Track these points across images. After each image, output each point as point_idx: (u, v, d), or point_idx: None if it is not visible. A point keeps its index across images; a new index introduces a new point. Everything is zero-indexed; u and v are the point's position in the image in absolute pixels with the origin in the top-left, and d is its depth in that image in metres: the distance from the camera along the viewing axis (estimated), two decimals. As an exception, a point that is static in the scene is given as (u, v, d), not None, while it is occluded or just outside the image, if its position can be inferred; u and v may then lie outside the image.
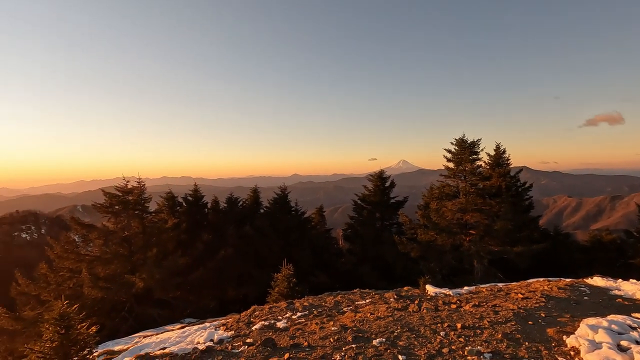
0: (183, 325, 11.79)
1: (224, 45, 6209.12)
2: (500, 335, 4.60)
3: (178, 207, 20.03)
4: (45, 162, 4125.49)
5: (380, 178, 21.34)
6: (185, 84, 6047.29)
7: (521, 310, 5.82)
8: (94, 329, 6.35)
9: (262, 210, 21.61)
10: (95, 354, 6.46)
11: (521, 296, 7.20)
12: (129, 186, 15.31)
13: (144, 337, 9.98)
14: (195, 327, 6.76)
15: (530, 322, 5.21)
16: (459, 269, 16.02)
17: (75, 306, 6.19)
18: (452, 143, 16.63)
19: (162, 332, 9.89)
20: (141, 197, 15.53)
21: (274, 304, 7.52)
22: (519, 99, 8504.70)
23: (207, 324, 6.95)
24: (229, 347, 4.57)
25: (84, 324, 6.25)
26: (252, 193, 22.30)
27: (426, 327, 4.98)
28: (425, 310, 6.02)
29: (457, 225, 16.25)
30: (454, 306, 6.43)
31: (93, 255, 14.70)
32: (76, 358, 6.10)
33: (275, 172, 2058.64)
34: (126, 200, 15.18)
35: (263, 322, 5.87)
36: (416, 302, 6.86)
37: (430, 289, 9.59)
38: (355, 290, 8.89)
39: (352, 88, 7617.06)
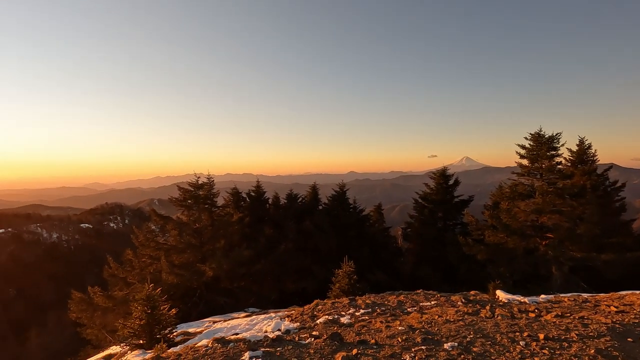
0: (248, 313, 12.41)
1: (292, 45, 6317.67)
2: (592, 351, 4.10)
3: (242, 202, 21.13)
4: (128, 160, 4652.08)
5: (442, 176, 20.37)
6: (248, 85, 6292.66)
7: (617, 325, 5.13)
8: (174, 311, 6.99)
9: (320, 207, 21.91)
10: (174, 334, 7.11)
11: (614, 309, 6.37)
12: (200, 182, 16.52)
13: (214, 322, 10.72)
14: (262, 316, 7.07)
15: (629, 339, 4.57)
16: (533, 275, 14.67)
17: (159, 289, 6.87)
18: (526, 138, 15.25)
19: (229, 319, 10.53)
20: (210, 192, 16.67)
21: (336, 300, 7.57)
22: (607, 89, 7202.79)
23: (273, 315, 7.22)
24: (296, 338, 4.69)
25: (165, 306, 6.90)
26: (310, 190, 22.71)
27: (503, 334, 4.62)
28: (499, 317, 5.59)
29: (532, 228, 14.89)
30: (532, 315, 5.89)
31: (169, 244, 16.16)
32: (159, 336, 6.76)
33: (331, 169, 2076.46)
34: (197, 195, 16.42)
35: (327, 317, 5.93)
36: (487, 307, 6.41)
37: (502, 295, 8.92)
38: (418, 291, 8.60)
39: (409, 83, 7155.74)
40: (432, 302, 7.07)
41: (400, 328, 4.85)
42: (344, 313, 6.21)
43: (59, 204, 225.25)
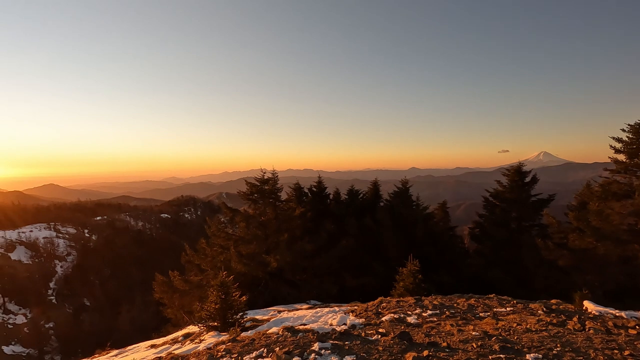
0: (310, 306, 12.71)
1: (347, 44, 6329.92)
2: None
3: (304, 197, 21.66)
4: (201, 156, 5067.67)
5: (517, 172, 18.69)
6: (309, 83, 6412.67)
7: None
8: (244, 298, 7.44)
9: (382, 203, 21.56)
10: (245, 319, 7.56)
11: None
12: (265, 177, 17.28)
13: (278, 311, 11.17)
14: (326, 309, 7.19)
15: None
16: (631, 287, 12.82)
17: (231, 277, 7.36)
18: (624, 130, 13.30)
19: (293, 310, 10.89)
20: (275, 187, 17.37)
21: (401, 299, 7.40)
22: None
23: (336, 309, 7.30)
24: (363, 334, 4.67)
25: (237, 293, 7.38)
26: (371, 186, 22.45)
27: (597, 351, 4.10)
28: (591, 331, 4.98)
29: (629, 233, 12.98)
30: (633, 332, 5.14)
31: (237, 235, 17.20)
32: (231, 320, 7.25)
33: (392, 165, 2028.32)
34: (263, 189, 17.21)
35: (392, 315, 5.82)
36: (575, 318, 5.75)
37: (591, 307, 7.94)
38: (490, 295, 8.03)
39: (477, 72, 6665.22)
40: (508, 309, 6.55)
41: (474, 333, 4.57)
42: (410, 312, 6.03)
43: (143, 196, 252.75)
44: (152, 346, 8.48)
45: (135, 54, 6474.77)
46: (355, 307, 7.53)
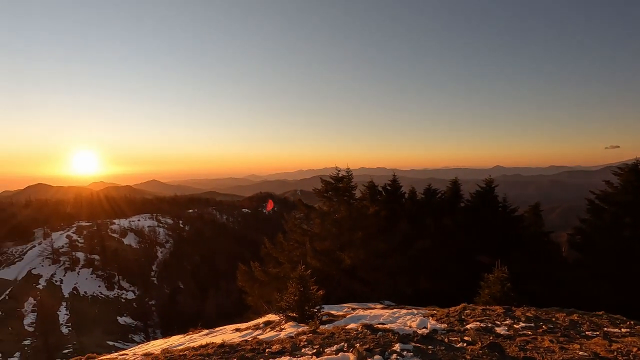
0: (384, 306, 12.50)
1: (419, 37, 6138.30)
2: None
3: (378, 196, 21.34)
4: (277, 154, 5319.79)
5: (634, 171, 15.88)
6: (378, 84, 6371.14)
7: None
8: (321, 292, 7.64)
9: (462, 204, 20.19)
10: (321, 313, 7.76)
11: None
12: (340, 175, 17.47)
13: (352, 308, 11.21)
14: (403, 311, 6.99)
15: None
16: None
17: (309, 271, 7.62)
18: None
19: (367, 308, 10.82)
20: (349, 185, 17.46)
21: (488, 307, 6.83)
22: None
23: (414, 311, 7.05)
24: (446, 340, 4.43)
25: (314, 287, 7.60)
26: (451, 185, 21.17)
27: None
28: None
29: None
30: None
31: (313, 231, 17.71)
32: (308, 312, 7.50)
33: (473, 163, 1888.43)
34: (337, 187, 17.42)
35: (478, 323, 5.40)
36: None
37: None
38: (599, 313, 6.97)
39: (577, 57, 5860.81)
40: (623, 330, 5.60)
41: (581, 353, 4.01)
42: (499, 323, 5.53)
43: (227, 192, 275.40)
44: (237, 330, 9.19)
45: (223, 57, 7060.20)
46: (435, 312, 7.18)
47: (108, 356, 8.08)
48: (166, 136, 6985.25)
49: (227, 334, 8.83)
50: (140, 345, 12.00)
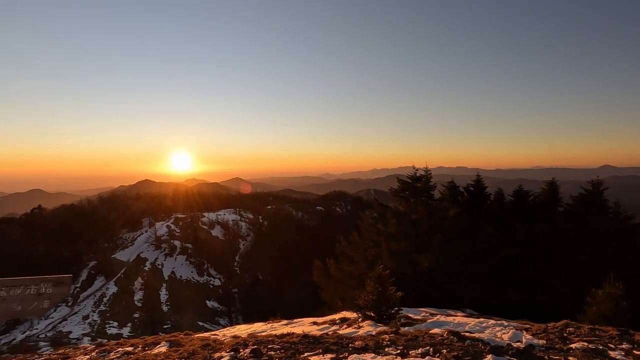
0: (466, 314, 11.74)
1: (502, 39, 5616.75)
2: None
3: (459, 197, 20.05)
4: (351, 153, 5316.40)
5: None
6: (459, 78, 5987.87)
7: None
8: (400, 294, 7.48)
9: (561, 208, 17.88)
10: (399, 315, 7.60)
11: None
12: (417, 175, 16.85)
13: (431, 313, 10.73)
14: (491, 321, 6.47)
15: None
16: None
17: (387, 271, 7.53)
18: None
19: (447, 315, 10.26)
20: (427, 185, 16.74)
21: (597, 326, 5.96)
22: None
23: (505, 323, 6.48)
24: (546, 357, 3.99)
25: (392, 287, 7.48)
26: (546, 186, 18.89)
27: None
28: None
29: None
30: None
31: (388, 232, 17.40)
32: (386, 313, 7.41)
33: (573, 162, 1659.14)
34: (415, 187, 16.85)
35: (585, 344, 4.75)
36: None
37: None
38: None
39: None
40: None
41: None
42: (612, 346, 4.78)
43: (302, 189, 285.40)
44: (314, 323, 9.50)
45: (298, 57, 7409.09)
46: (528, 326, 6.51)
47: (202, 334, 9.04)
48: (248, 137, 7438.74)
49: (305, 326, 9.20)
50: (227, 328, 13.15)
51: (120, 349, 6.46)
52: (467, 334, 4.63)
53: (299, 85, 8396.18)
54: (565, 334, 5.47)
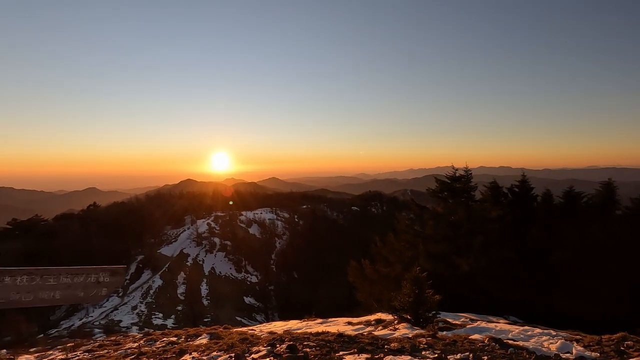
0: (509, 322, 11.19)
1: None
2: None
3: (502, 198, 19.08)
4: (387, 153, 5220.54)
5: None
6: (501, 66, 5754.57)
7: None
8: (438, 297, 7.28)
9: (619, 212, 16.46)
10: (436, 319, 7.40)
11: None
12: (457, 175, 16.27)
13: (470, 319, 10.33)
14: (537, 330, 6.11)
15: None
16: None
17: (425, 273, 7.35)
18: None
19: (489, 322, 9.82)
20: (467, 185, 16.12)
21: (659, 341, 5.43)
22: None
23: (552, 332, 6.09)
24: (599, 372, 3.70)
25: (430, 290, 7.29)
26: (601, 187, 17.48)
27: None
28: None
29: None
30: None
31: (426, 233, 16.95)
32: (423, 316, 7.24)
33: (633, 161, 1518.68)
34: (454, 187, 16.28)
35: (645, 360, 4.35)
36: None
37: None
38: None
39: None
40: None
41: None
42: (678, 364, 4.34)
43: (337, 189, 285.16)
44: (349, 323, 9.49)
45: (337, 59, 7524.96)
46: (579, 336, 6.06)
47: (240, 329, 9.34)
48: (285, 137, 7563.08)
49: (340, 326, 9.22)
50: (264, 324, 13.46)
51: (165, 339, 6.86)
52: (510, 342, 4.40)
53: (335, 85, 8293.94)
54: (622, 348, 5.05)
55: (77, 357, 6.41)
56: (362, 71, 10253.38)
